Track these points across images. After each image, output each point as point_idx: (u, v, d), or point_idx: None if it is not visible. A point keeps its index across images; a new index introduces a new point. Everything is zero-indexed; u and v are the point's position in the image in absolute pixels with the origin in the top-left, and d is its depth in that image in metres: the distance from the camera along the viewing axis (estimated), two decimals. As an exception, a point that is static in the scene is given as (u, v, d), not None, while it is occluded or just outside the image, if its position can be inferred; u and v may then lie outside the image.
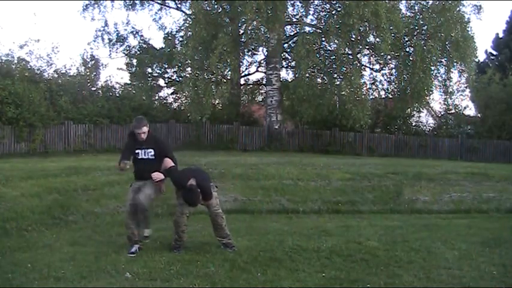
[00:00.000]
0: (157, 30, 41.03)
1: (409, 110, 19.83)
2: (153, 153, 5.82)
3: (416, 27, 18.26)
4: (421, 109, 20.19)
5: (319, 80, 18.85)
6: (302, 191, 9.90)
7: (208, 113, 16.93)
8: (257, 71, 22.17)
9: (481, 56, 31.22)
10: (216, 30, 16.66)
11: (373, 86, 19.67)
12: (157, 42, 38.26)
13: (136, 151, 5.82)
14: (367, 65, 19.57)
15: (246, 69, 22.04)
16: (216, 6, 18.08)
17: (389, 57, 18.19)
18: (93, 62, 18.99)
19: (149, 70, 21.45)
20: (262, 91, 22.07)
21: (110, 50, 21.32)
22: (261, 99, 22.82)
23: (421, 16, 18.18)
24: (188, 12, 19.29)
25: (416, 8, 18.72)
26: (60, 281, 4.46)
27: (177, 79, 21.04)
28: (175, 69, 20.70)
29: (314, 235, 6.59)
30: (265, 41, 17.84)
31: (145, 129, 5.79)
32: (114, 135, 16.90)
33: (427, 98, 18.94)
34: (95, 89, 18.23)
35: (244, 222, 7.68)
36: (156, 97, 21.19)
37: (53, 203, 7.86)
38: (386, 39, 15.92)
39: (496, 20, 52.91)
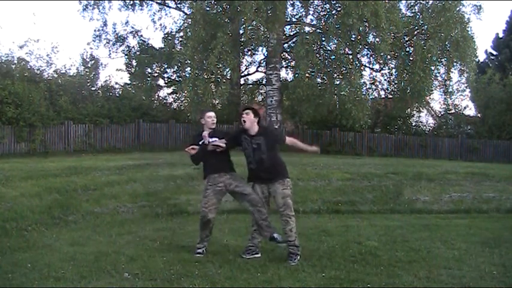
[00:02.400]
0: (156, 30, 40.91)
1: (409, 110, 19.82)
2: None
3: (416, 27, 18.24)
4: (421, 109, 20.19)
5: (319, 80, 18.81)
6: (302, 191, 9.87)
7: (208, 113, 16.87)
8: (257, 71, 22.17)
9: (481, 56, 31.19)
10: (215, 30, 16.64)
11: (373, 86, 19.63)
12: (157, 42, 38.28)
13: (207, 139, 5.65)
14: (367, 65, 19.57)
15: (246, 69, 22.03)
16: (215, 6, 18.07)
17: (389, 57, 18.16)
18: (92, 62, 19.00)
19: (149, 70, 21.44)
20: (262, 91, 22.05)
21: (110, 50, 21.34)
22: (261, 99, 22.80)
23: (421, 16, 18.15)
24: (188, 12, 19.28)
25: (416, 8, 18.70)
26: (60, 281, 4.45)
27: (177, 79, 21.03)
28: (174, 69, 20.70)
29: (314, 235, 6.58)
30: (265, 41, 17.82)
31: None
32: (114, 135, 16.92)
33: (427, 98, 18.92)
34: (94, 89, 18.25)
35: (244, 222, 7.65)
36: (156, 97, 21.21)
37: (53, 203, 7.87)
38: (386, 39, 15.90)
39: (496, 20, 52.87)
